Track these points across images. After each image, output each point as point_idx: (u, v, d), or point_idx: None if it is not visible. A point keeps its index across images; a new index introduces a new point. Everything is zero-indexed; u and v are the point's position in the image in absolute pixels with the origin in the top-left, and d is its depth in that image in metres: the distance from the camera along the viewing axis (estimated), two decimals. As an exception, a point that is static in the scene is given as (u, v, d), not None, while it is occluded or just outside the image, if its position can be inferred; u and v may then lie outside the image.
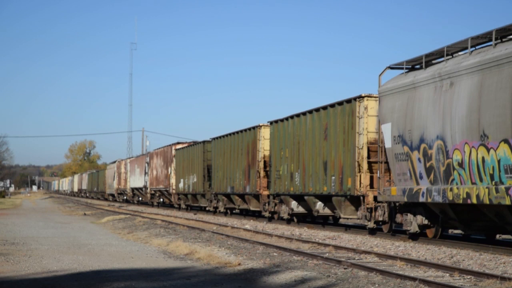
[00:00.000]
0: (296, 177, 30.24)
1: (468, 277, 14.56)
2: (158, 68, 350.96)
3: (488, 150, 18.00)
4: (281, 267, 16.60)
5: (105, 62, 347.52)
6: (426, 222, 22.03)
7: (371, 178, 24.92)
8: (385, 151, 23.23)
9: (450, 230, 25.40)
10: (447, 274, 15.03)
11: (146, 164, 64.31)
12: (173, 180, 53.53)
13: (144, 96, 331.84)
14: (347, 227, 28.54)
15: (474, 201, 18.51)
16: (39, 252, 20.88)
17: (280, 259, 18.37)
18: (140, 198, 69.62)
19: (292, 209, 31.39)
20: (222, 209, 42.48)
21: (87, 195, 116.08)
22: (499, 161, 17.61)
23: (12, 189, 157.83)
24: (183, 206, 52.48)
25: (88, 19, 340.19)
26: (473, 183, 18.66)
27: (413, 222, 22.32)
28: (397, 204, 23.24)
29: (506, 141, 17.37)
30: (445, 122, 19.73)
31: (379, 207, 24.24)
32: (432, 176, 20.49)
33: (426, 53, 21.25)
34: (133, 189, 72.44)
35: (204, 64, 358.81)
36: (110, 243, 24.33)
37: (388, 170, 23.44)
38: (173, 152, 53.77)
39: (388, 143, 22.81)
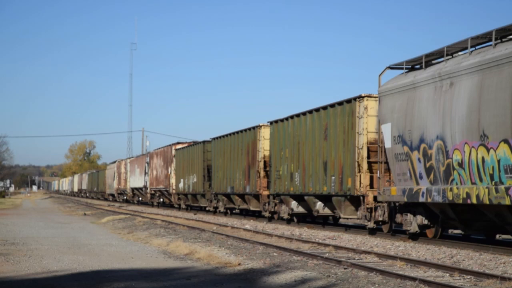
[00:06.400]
0: (296, 177, 30.24)
1: (468, 277, 14.57)
2: (158, 68, 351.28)
3: (488, 150, 18.00)
4: (281, 267, 16.60)
5: (105, 62, 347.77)
6: (426, 222, 22.03)
7: (371, 178, 24.92)
8: (385, 151, 23.23)
9: (450, 230, 25.40)
10: (447, 274, 15.04)
11: (146, 164, 64.32)
12: (173, 180, 53.53)
13: (144, 96, 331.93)
14: (347, 227, 28.54)
15: (474, 201, 18.51)
16: (39, 252, 20.88)
17: (280, 259, 18.37)
18: (140, 198, 69.61)
19: (292, 209, 31.39)
20: (222, 209, 42.48)
21: (87, 195, 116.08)
22: (499, 161, 17.61)
23: (12, 189, 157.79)
24: (183, 206, 52.48)
25: (88, 19, 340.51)
26: (473, 183, 18.66)
27: (413, 222, 22.32)
28: (397, 204, 23.24)
29: (506, 141, 17.37)
30: (445, 122, 19.73)
31: (379, 207, 24.24)
32: (432, 176, 20.50)
33: (426, 53, 21.25)
34: (133, 189, 72.44)
35: (204, 64, 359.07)
36: (110, 243, 24.34)
37: (388, 170, 23.44)
38: (173, 152, 53.77)
39: (388, 143, 22.81)
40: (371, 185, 24.87)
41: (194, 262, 18.41)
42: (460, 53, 20.55)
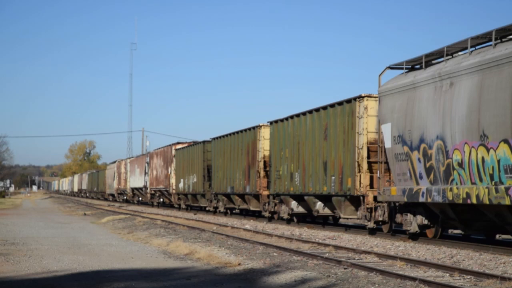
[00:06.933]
0: (296, 177, 30.24)
1: (468, 277, 14.57)
2: (158, 68, 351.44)
3: (488, 150, 18.00)
4: (281, 267, 16.60)
5: (105, 62, 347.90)
6: (426, 222, 22.03)
7: (371, 178, 24.91)
8: (385, 151, 23.23)
9: (450, 230, 25.41)
10: (447, 274, 15.04)
11: (146, 164, 64.31)
12: (173, 180, 53.53)
13: (144, 96, 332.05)
14: (347, 227, 28.54)
15: (474, 201, 18.51)
16: (39, 252, 20.88)
17: (280, 259, 18.37)
18: (140, 198, 69.60)
19: (292, 209, 31.39)
20: (222, 209, 42.48)
21: (87, 195, 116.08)
22: (499, 161, 17.61)
23: (12, 189, 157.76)
24: (183, 206, 52.48)
25: (88, 19, 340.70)
26: (473, 183, 18.66)
27: (413, 222, 22.32)
28: (397, 204, 23.24)
29: (506, 141, 17.37)
30: (445, 122, 19.73)
31: (379, 207, 24.24)
32: (432, 176, 20.49)
33: (426, 53, 21.25)
34: (133, 189, 72.44)
35: (204, 64, 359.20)
36: (110, 243, 24.34)
37: (388, 170, 23.44)
38: (173, 152, 53.77)
39: (388, 143, 22.81)
40: (371, 185, 24.87)
41: (194, 262, 18.41)
42: (460, 53, 20.55)
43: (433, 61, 21.57)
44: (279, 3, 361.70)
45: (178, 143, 55.01)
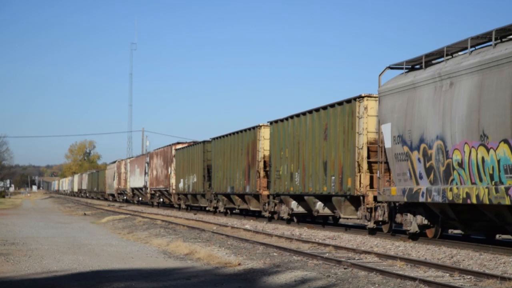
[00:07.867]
0: (296, 177, 30.24)
1: (468, 277, 14.57)
2: (158, 68, 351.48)
3: (488, 150, 18.00)
4: (281, 267, 16.60)
5: (105, 62, 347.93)
6: (426, 222, 22.03)
7: (371, 178, 24.91)
8: (385, 151, 23.23)
9: (450, 230, 25.41)
10: (447, 274, 15.04)
11: (146, 164, 64.32)
12: (173, 180, 53.53)
13: (144, 96, 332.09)
14: (347, 227, 28.54)
15: (474, 201, 18.52)
16: (39, 252, 20.88)
17: (280, 259, 18.37)
18: (140, 198, 69.61)
19: (292, 209, 31.39)
20: (222, 209, 42.48)
21: (87, 195, 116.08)
22: (498, 161, 17.61)
23: (12, 189, 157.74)
24: (183, 206, 52.48)
25: (88, 19, 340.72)
26: (473, 183, 18.66)
27: (413, 222, 22.32)
28: (397, 204, 23.24)
29: (506, 141, 17.37)
30: (445, 122, 19.74)
31: (379, 207, 24.24)
32: (432, 176, 20.50)
33: (426, 53, 21.25)
34: (133, 189, 72.44)
35: (204, 64, 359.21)
36: (110, 243, 24.34)
37: (388, 170, 23.44)
38: (173, 152, 53.78)
39: (388, 143, 22.81)
40: (371, 185, 24.87)
41: (194, 262, 18.41)
42: (460, 53, 20.55)
43: (433, 61, 21.58)
44: (279, 3, 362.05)
45: (178, 143, 55.02)
